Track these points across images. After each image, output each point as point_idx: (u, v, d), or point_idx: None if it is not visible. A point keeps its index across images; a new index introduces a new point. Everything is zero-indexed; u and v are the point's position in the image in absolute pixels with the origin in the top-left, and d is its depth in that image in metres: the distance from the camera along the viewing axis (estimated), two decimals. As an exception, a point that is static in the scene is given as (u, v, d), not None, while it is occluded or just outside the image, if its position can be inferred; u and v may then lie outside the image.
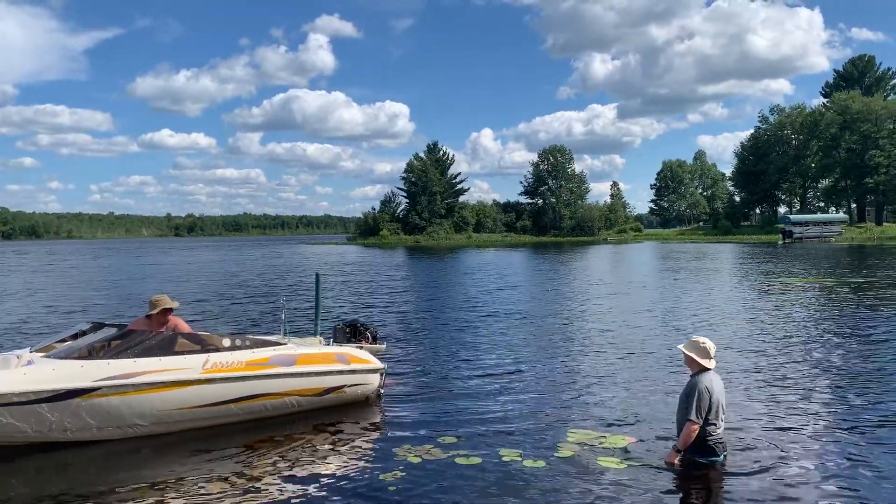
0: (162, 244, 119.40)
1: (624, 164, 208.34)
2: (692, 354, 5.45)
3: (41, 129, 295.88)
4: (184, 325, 7.18)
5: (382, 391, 7.77)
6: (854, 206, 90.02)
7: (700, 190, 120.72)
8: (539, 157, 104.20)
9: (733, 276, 26.24)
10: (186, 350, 6.52)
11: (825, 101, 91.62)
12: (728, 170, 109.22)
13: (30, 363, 6.03)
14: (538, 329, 13.26)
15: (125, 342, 6.38)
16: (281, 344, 7.28)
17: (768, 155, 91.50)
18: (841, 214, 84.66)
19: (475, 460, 5.66)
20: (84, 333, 6.80)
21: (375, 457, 5.95)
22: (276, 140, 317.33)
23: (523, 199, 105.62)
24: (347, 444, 6.33)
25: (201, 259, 51.54)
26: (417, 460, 5.71)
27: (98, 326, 6.97)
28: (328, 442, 6.41)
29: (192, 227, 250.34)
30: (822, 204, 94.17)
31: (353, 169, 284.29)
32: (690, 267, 32.01)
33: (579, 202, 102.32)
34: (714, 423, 5.30)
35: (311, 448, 6.22)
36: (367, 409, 7.47)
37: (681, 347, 5.63)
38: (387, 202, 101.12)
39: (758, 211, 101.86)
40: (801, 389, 7.96)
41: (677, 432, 5.46)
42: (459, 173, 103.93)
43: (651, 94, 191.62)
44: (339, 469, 5.64)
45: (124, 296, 21.83)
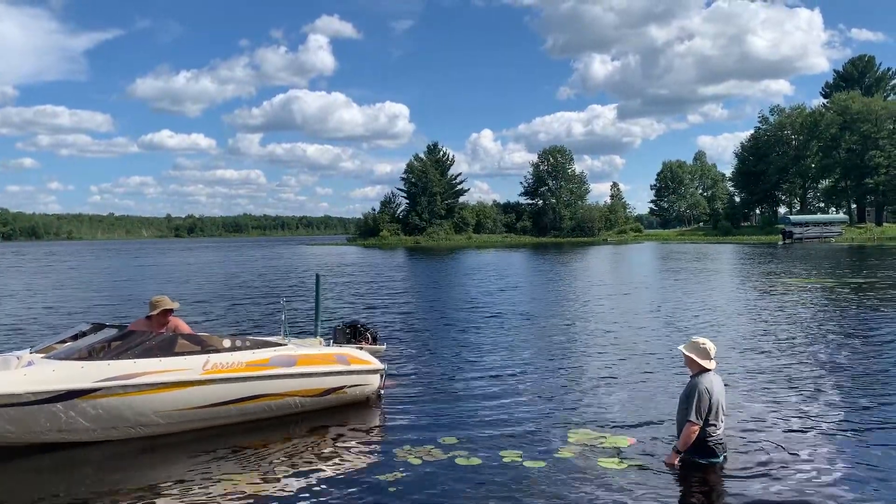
0: (162, 245, 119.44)
1: (624, 165, 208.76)
2: (692, 355, 5.45)
3: (41, 129, 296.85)
4: (184, 326, 7.19)
5: (382, 392, 7.77)
6: (854, 206, 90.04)
7: (700, 190, 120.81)
8: (539, 157, 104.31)
9: (734, 277, 26.24)
10: (187, 351, 6.53)
11: (825, 101, 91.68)
12: (728, 170, 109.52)
13: (30, 364, 6.03)
14: (538, 330, 13.26)
15: (125, 343, 6.38)
16: (281, 345, 7.28)
17: (768, 155, 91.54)
18: (841, 215, 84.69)
19: (475, 461, 5.67)
20: (84, 334, 6.81)
21: (375, 458, 5.95)
22: (276, 141, 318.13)
23: (523, 200, 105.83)
24: (347, 445, 6.33)
25: (201, 260, 51.56)
26: (418, 461, 5.71)
27: (98, 327, 6.97)
28: (328, 443, 6.41)
29: (192, 227, 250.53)
30: (822, 204, 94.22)
31: (353, 170, 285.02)
32: (691, 267, 32.01)
33: (579, 203, 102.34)
34: (714, 424, 5.30)
35: (311, 449, 6.22)
36: (368, 409, 7.47)
37: (681, 348, 5.63)
38: (387, 203, 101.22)
39: (758, 211, 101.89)
40: (801, 390, 7.96)
41: (677, 433, 5.46)
42: (459, 174, 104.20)
43: (651, 95, 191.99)
44: (339, 470, 5.64)
45: (124, 297, 21.84)
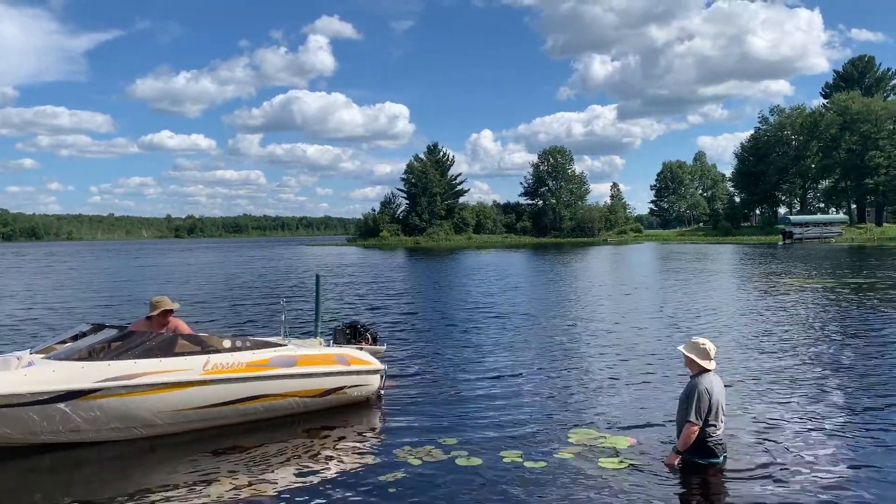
0: (162, 245, 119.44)
1: (624, 165, 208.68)
2: (692, 355, 5.45)
3: (41, 130, 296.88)
4: (184, 327, 7.19)
5: (383, 392, 7.77)
6: (854, 206, 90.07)
7: (700, 191, 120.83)
8: (539, 158, 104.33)
9: (734, 277, 26.24)
10: (187, 351, 6.53)
11: (825, 101, 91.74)
12: (728, 171, 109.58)
13: (30, 364, 6.04)
14: (538, 330, 13.25)
15: (125, 343, 6.38)
16: (281, 345, 7.29)
17: (768, 156, 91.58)
18: (841, 215, 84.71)
19: (476, 461, 5.67)
20: (84, 335, 6.80)
21: (376, 458, 5.95)
22: (276, 141, 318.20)
23: (523, 200, 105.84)
24: (347, 446, 6.34)
25: (201, 260, 51.56)
26: (418, 462, 5.72)
27: (98, 328, 6.97)
28: (328, 443, 6.41)
29: (192, 228, 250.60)
30: (822, 205, 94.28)
31: (353, 170, 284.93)
32: (691, 268, 32.01)
33: (579, 203, 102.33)
34: (714, 425, 5.30)
35: (311, 449, 6.22)
36: (368, 410, 7.47)
37: (681, 349, 5.63)
38: (387, 203, 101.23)
39: (758, 212, 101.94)
40: (802, 391, 7.96)
41: (677, 433, 5.46)
42: (459, 174, 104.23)
43: (651, 95, 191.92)
44: (339, 470, 5.64)
45: (124, 297, 21.83)
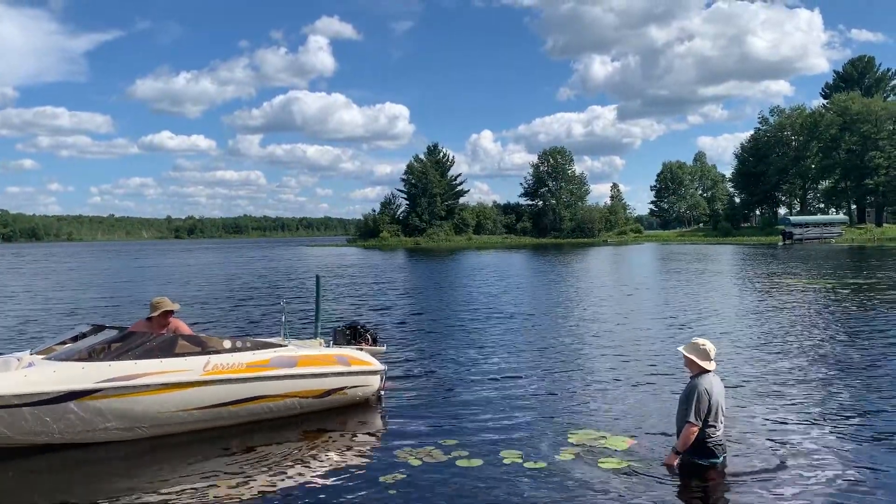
0: (162, 246, 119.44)
1: (624, 166, 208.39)
2: (692, 356, 5.45)
3: (41, 131, 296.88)
4: (184, 328, 7.19)
5: (383, 393, 7.77)
6: (854, 207, 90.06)
7: (700, 191, 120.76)
8: (539, 158, 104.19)
9: (734, 278, 26.24)
10: (187, 352, 6.53)
11: (825, 102, 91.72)
12: (728, 171, 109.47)
13: (30, 365, 6.04)
14: (539, 331, 13.26)
15: (126, 344, 6.39)
16: (282, 346, 7.29)
17: (768, 156, 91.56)
18: (841, 216, 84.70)
19: (476, 462, 5.67)
20: (84, 336, 6.81)
21: (376, 459, 5.96)
22: (276, 142, 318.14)
23: (523, 201, 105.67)
24: (348, 446, 6.34)
25: (201, 261, 51.56)
26: (418, 462, 5.72)
27: (98, 329, 6.97)
28: (329, 443, 6.42)
29: (192, 229, 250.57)
30: (822, 205, 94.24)
31: (353, 170, 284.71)
32: (691, 268, 32.02)
33: (579, 204, 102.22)
34: (713, 425, 5.30)
35: (311, 450, 6.23)
36: (368, 410, 7.48)
37: (681, 349, 5.62)
38: (387, 204, 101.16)
39: (758, 212, 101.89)
40: (802, 392, 7.96)
41: (677, 434, 5.46)
42: (459, 175, 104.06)
43: (651, 96, 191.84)
44: (339, 471, 5.65)
45: (124, 298, 21.84)
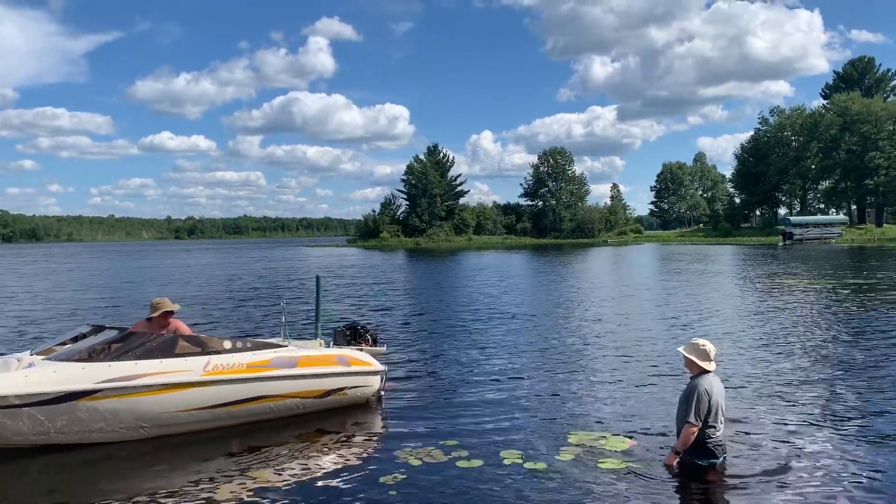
0: (162, 247, 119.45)
1: (624, 166, 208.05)
2: (692, 357, 5.45)
3: (41, 132, 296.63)
4: (184, 328, 7.19)
5: (383, 393, 7.77)
6: (854, 207, 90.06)
7: (700, 192, 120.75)
8: (539, 159, 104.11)
9: (734, 278, 26.23)
10: (187, 352, 6.54)
11: (825, 102, 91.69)
12: (728, 171, 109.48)
13: (30, 366, 6.05)
14: (539, 331, 13.26)
15: (126, 344, 6.39)
16: (282, 346, 7.29)
17: (768, 156, 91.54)
18: (841, 216, 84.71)
19: (476, 463, 5.67)
20: (84, 336, 6.81)
21: (376, 459, 5.96)
22: (276, 142, 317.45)
23: (523, 201, 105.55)
24: (348, 446, 6.34)
25: (201, 262, 51.57)
26: (418, 463, 5.72)
27: (98, 329, 6.97)
28: (329, 444, 6.42)
29: (192, 229, 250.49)
30: (822, 205, 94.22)
31: (353, 171, 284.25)
32: (691, 269, 32.02)
33: (579, 204, 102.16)
34: (713, 426, 5.30)
35: (311, 450, 6.23)
36: (368, 411, 7.48)
37: (680, 349, 5.63)
38: (387, 204, 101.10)
39: (758, 213, 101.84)
40: (802, 392, 7.96)
41: (677, 434, 5.46)
42: (459, 175, 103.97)
43: (651, 96, 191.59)
44: (339, 471, 5.65)
45: (124, 299, 21.84)
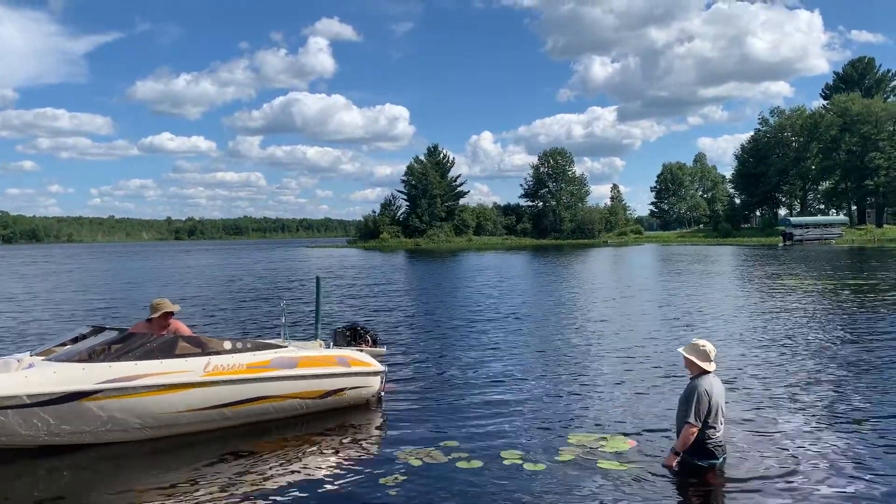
0: (162, 247, 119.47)
1: (624, 167, 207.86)
2: (692, 357, 5.45)
3: (41, 132, 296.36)
4: (185, 329, 7.20)
5: (383, 394, 7.78)
6: (854, 208, 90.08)
7: (700, 192, 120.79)
8: (539, 159, 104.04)
9: (735, 279, 26.24)
10: (187, 353, 6.54)
11: (825, 103, 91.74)
12: (728, 172, 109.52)
13: (31, 366, 6.05)
14: (539, 332, 13.26)
15: (126, 345, 6.39)
16: (282, 347, 7.29)
17: (768, 157, 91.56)
18: (841, 216, 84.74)
19: (476, 464, 5.67)
20: (84, 337, 6.82)
21: (376, 460, 5.96)
22: (276, 143, 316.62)
23: (523, 202, 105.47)
24: (348, 447, 6.34)
25: (201, 262, 51.57)
26: (418, 463, 5.72)
27: (98, 330, 6.97)
28: (329, 445, 6.42)
29: (192, 230, 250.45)
30: (822, 206, 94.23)
31: (354, 172, 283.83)
32: (691, 269, 32.02)
33: (579, 205, 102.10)
34: (713, 426, 5.30)
35: (311, 451, 6.23)
36: (368, 412, 7.48)
37: (680, 350, 5.63)
38: (387, 205, 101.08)
39: (758, 213, 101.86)
40: (803, 393, 7.96)
41: (677, 435, 5.46)
42: (459, 175, 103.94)
43: (651, 97, 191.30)
44: (339, 472, 5.65)
45: (124, 300, 21.85)
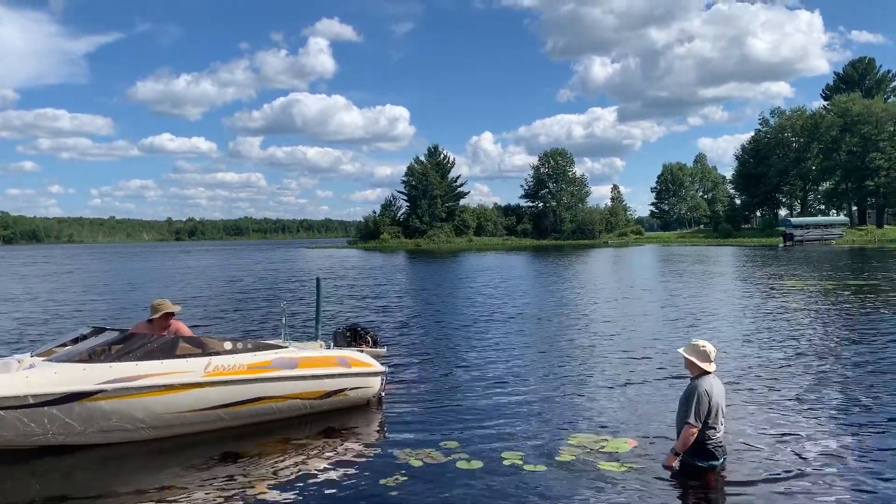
0: (163, 248, 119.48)
1: (624, 167, 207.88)
2: (692, 358, 5.45)
3: (42, 133, 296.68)
4: (185, 330, 7.21)
5: (383, 395, 7.78)
6: (855, 208, 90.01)
7: (700, 193, 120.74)
8: (539, 160, 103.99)
9: (735, 279, 26.23)
10: (188, 353, 6.55)
11: (825, 103, 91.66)
12: (728, 172, 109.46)
13: (31, 367, 6.05)
14: (539, 333, 13.26)
15: (126, 346, 6.39)
16: (282, 347, 7.30)
17: (769, 157, 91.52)
18: (842, 217, 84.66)
19: (476, 464, 5.68)
20: (85, 338, 6.82)
21: (376, 460, 5.96)
22: (277, 144, 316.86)
23: (524, 203, 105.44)
24: (348, 447, 6.35)
25: (202, 263, 51.58)
26: (419, 464, 5.73)
27: (99, 331, 6.98)
28: (329, 445, 6.42)
29: (192, 231, 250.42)
30: (822, 206, 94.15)
31: (354, 172, 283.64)
32: (692, 270, 32.01)
33: (580, 205, 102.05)
34: (714, 427, 5.30)
35: (311, 451, 6.23)
36: (368, 412, 7.48)
37: (680, 351, 5.63)
38: (387, 206, 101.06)
39: (758, 214, 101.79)
40: (803, 394, 7.96)
41: (677, 436, 5.46)
42: (459, 176, 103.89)
43: (651, 97, 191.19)
44: (339, 472, 5.65)
45: (125, 300, 21.85)
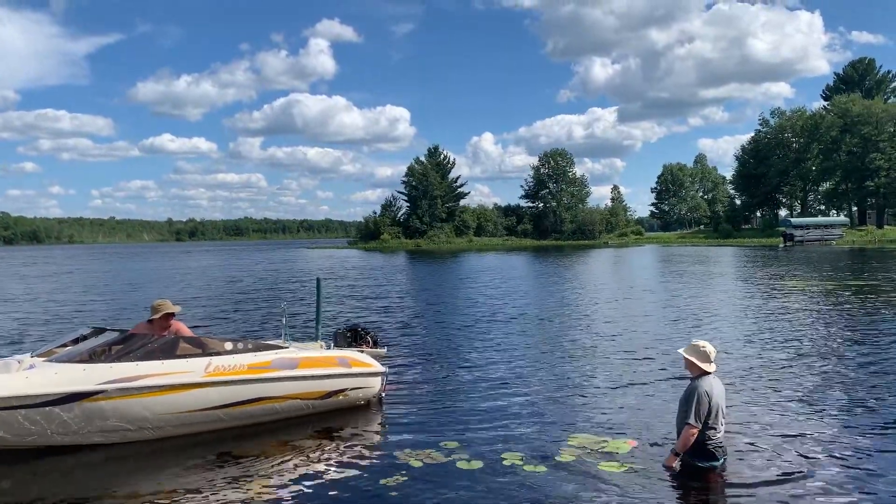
0: (163, 249, 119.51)
1: (624, 168, 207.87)
2: (692, 358, 5.46)
3: (42, 134, 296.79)
4: (185, 330, 7.21)
5: (384, 395, 7.78)
6: (855, 209, 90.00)
7: (701, 193, 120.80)
8: (539, 160, 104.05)
9: (735, 280, 26.23)
10: (188, 353, 6.55)
11: (826, 104, 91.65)
12: (729, 173, 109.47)
13: (31, 367, 6.05)
14: (540, 333, 13.26)
15: (127, 346, 6.39)
16: (283, 347, 7.30)
17: (769, 158, 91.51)
18: (842, 217, 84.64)
19: (476, 464, 5.68)
20: (85, 338, 6.81)
21: (376, 460, 5.97)
22: (277, 144, 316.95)
23: (524, 203, 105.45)
24: (348, 448, 6.34)
25: (202, 264, 51.58)
26: (419, 464, 5.73)
27: (99, 331, 6.97)
28: (329, 445, 6.42)
29: (193, 231, 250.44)
30: (822, 207, 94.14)
31: (354, 173, 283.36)
32: (692, 270, 32.00)
33: (580, 206, 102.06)
34: (714, 428, 5.30)
35: (311, 451, 6.23)
36: (369, 412, 7.49)
37: (681, 351, 5.63)
38: (388, 206, 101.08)
39: (759, 214, 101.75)
40: (804, 394, 7.96)
41: (677, 436, 5.46)
42: (459, 177, 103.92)
43: (651, 98, 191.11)
44: (339, 473, 5.65)
45: (125, 301, 21.86)
